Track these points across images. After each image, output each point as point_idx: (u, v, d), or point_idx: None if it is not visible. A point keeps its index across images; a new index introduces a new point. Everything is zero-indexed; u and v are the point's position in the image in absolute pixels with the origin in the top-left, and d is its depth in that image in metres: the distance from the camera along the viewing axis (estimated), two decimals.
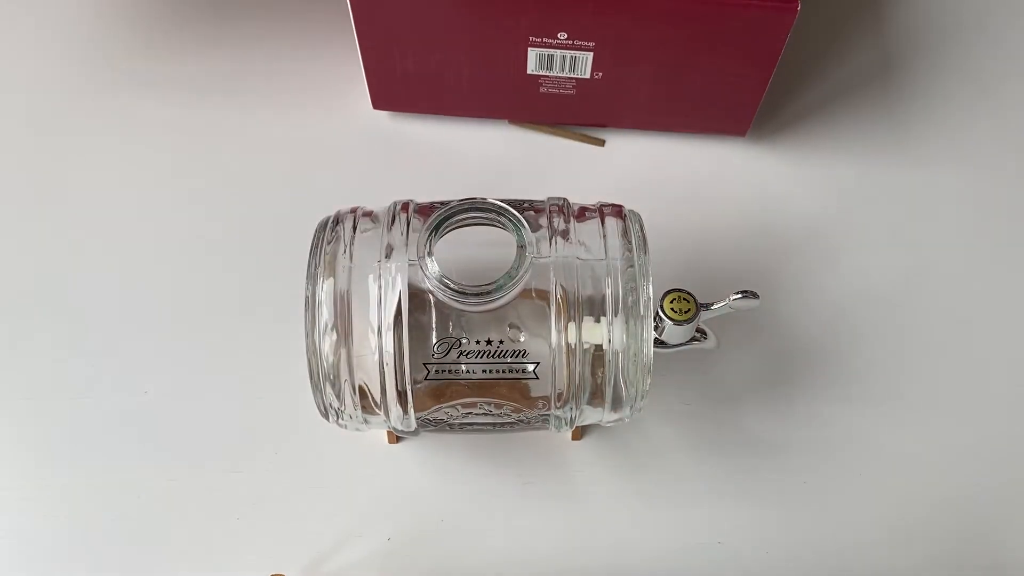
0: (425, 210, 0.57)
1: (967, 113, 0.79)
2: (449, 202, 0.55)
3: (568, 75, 0.70)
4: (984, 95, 0.79)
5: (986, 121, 0.78)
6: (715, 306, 0.57)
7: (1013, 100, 0.80)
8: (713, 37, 0.66)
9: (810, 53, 0.81)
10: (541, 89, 0.72)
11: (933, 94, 0.79)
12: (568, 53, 0.68)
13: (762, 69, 0.68)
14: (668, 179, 0.75)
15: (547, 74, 0.70)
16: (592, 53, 0.68)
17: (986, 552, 0.63)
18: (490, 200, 0.55)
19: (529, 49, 0.68)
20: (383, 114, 0.76)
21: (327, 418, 0.56)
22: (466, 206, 0.55)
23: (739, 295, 0.56)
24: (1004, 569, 0.63)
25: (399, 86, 0.73)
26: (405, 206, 0.57)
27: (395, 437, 0.64)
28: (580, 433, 0.65)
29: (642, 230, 0.56)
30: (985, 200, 0.75)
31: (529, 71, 0.70)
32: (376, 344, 0.53)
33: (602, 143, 0.76)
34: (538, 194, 0.59)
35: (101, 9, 0.81)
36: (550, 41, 0.67)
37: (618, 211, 0.57)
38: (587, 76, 0.70)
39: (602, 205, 0.58)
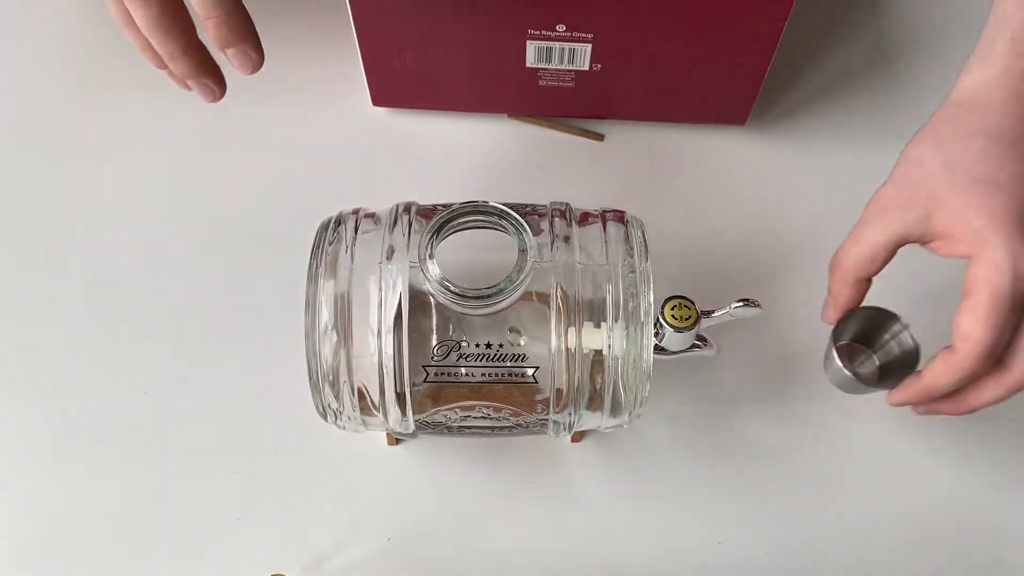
0: (427, 212, 0.56)
1: None
2: (451, 204, 0.55)
3: (567, 67, 0.70)
4: None
5: None
6: (716, 313, 0.57)
7: None
8: (711, 25, 0.66)
9: (808, 40, 0.80)
10: (540, 82, 0.71)
11: (932, 82, 0.79)
12: (567, 45, 0.68)
13: (760, 57, 0.68)
14: (667, 171, 0.75)
15: (546, 67, 0.70)
16: (591, 45, 0.67)
17: (986, 552, 0.63)
18: (492, 203, 0.55)
19: (528, 42, 0.68)
20: (382, 110, 0.76)
21: (326, 419, 0.56)
22: (468, 209, 0.54)
23: (740, 303, 0.56)
24: (1004, 569, 0.63)
25: (398, 82, 0.72)
26: (407, 208, 0.57)
27: (394, 439, 0.64)
28: (580, 435, 0.65)
29: (643, 236, 0.56)
30: None
31: (528, 64, 0.70)
32: (376, 346, 0.53)
33: (601, 138, 0.76)
34: (538, 188, 0.59)
35: (100, 7, 0.80)
36: (548, 33, 0.67)
37: (620, 216, 0.57)
38: (586, 68, 0.70)
39: (604, 211, 0.58)
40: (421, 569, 0.62)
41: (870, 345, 0.59)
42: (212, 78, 0.54)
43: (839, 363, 0.55)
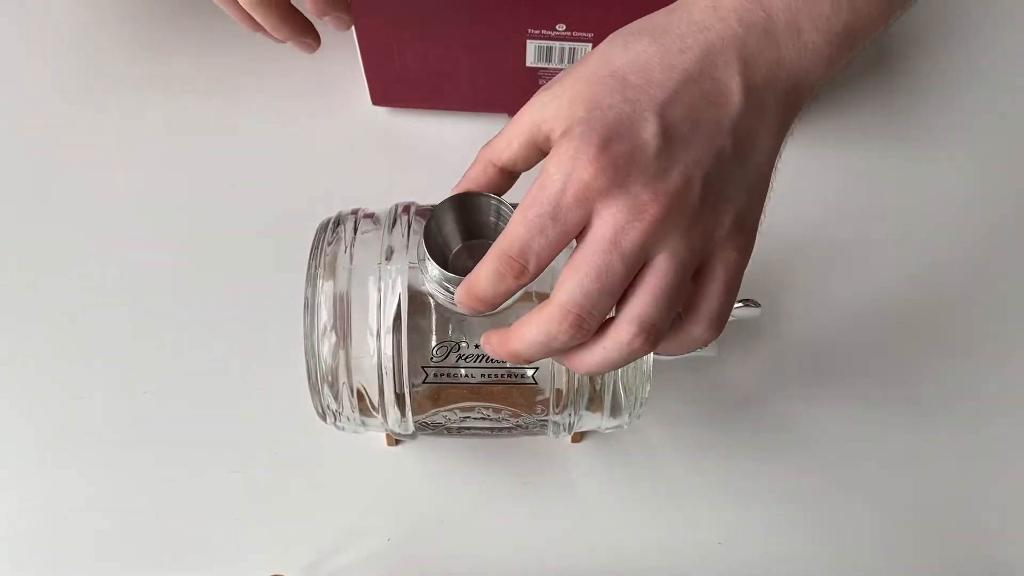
0: (426, 212, 0.56)
1: (970, 103, 0.78)
2: None
3: (567, 67, 0.69)
4: (986, 84, 0.79)
5: (989, 111, 0.78)
6: None
7: (1015, 88, 0.79)
8: None
9: None
10: (540, 82, 0.71)
11: (932, 82, 0.79)
12: (567, 45, 0.68)
13: None
14: None
15: (546, 66, 0.70)
16: (591, 44, 0.67)
17: (986, 553, 0.63)
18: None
19: (528, 41, 0.68)
20: (382, 110, 0.76)
21: (325, 420, 0.56)
22: None
23: (740, 303, 0.56)
24: (1004, 570, 0.63)
25: (398, 82, 0.72)
26: (406, 208, 0.57)
27: (394, 439, 0.64)
28: (580, 435, 0.65)
29: None
30: (991, 193, 0.74)
31: (528, 64, 0.69)
32: (375, 347, 0.53)
33: None
34: None
35: (97, 8, 0.80)
36: (549, 33, 0.67)
37: None
38: None
39: None
40: (421, 569, 0.62)
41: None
42: (310, 36, 0.63)
43: (436, 270, 0.47)
